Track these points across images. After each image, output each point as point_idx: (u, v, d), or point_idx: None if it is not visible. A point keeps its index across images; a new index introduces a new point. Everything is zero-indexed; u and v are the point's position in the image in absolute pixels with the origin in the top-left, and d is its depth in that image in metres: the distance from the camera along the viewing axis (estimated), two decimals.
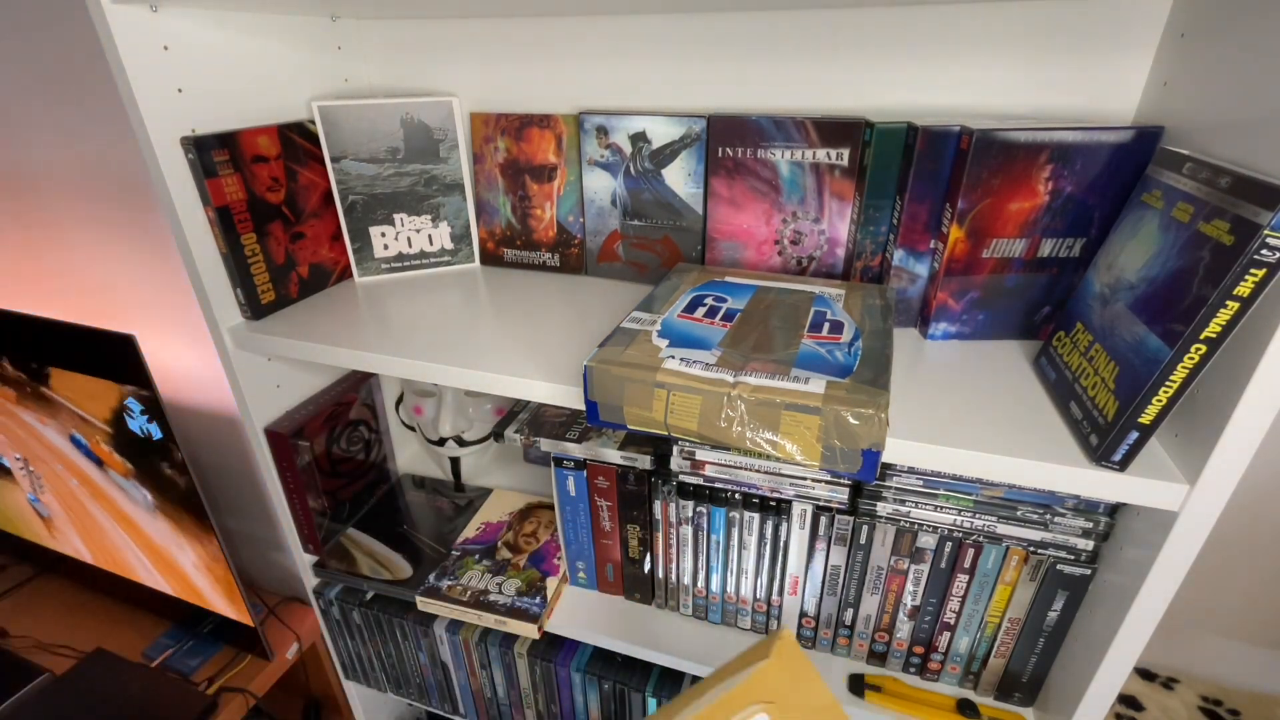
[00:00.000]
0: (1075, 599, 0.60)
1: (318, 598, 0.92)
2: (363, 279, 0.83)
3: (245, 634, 1.08)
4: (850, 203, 0.68)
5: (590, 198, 0.79)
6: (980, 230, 0.59)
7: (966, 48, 0.64)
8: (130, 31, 0.57)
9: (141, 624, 1.19)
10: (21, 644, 1.15)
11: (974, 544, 0.61)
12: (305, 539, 0.87)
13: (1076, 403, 0.50)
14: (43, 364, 0.92)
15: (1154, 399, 0.43)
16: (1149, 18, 0.58)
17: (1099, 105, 0.62)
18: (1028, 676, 0.65)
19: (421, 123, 0.79)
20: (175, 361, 1.17)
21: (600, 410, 0.54)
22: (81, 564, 1.19)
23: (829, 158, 0.67)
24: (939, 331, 0.64)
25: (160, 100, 0.61)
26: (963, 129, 0.57)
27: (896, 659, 0.71)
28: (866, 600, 0.68)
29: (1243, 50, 0.47)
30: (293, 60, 0.74)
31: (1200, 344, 0.41)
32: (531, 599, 0.80)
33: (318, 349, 0.67)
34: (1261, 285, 0.38)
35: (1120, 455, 0.45)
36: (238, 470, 1.25)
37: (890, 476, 0.61)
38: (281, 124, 0.71)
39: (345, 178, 0.77)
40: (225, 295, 0.70)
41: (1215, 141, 0.49)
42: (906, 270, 0.65)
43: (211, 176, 0.64)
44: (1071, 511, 0.57)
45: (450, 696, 0.96)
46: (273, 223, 0.72)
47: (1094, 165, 0.55)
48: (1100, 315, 0.51)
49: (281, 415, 0.80)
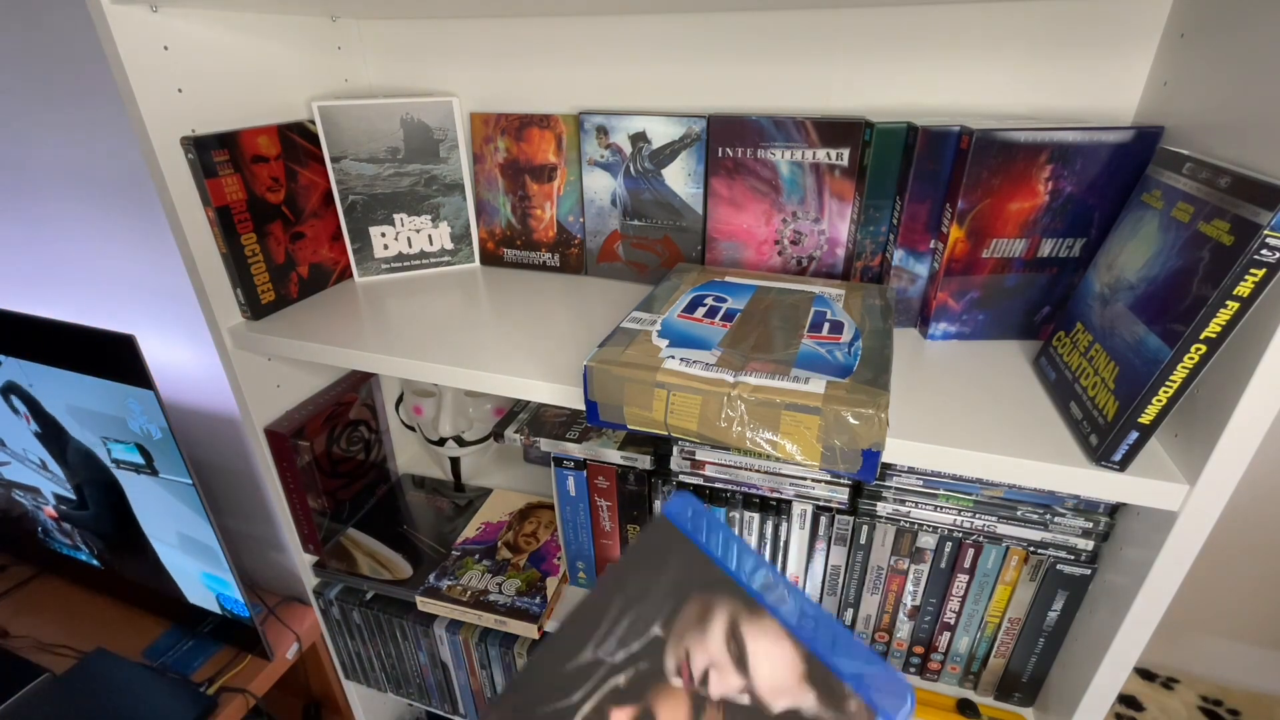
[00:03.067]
0: (1075, 599, 0.60)
1: (318, 598, 0.92)
2: (363, 279, 0.83)
3: (245, 634, 1.08)
4: (850, 203, 0.68)
5: (590, 198, 0.79)
6: (980, 230, 0.59)
7: (966, 48, 0.64)
8: (130, 31, 0.57)
9: (141, 624, 1.19)
10: (21, 644, 1.15)
11: (974, 544, 0.61)
12: (305, 539, 0.87)
13: (1076, 403, 0.50)
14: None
15: (1154, 399, 0.43)
16: (1149, 18, 0.58)
17: (1099, 105, 0.62)
18: (1028, 676, 0.65)
19: (421, 123, 0.79)
20: (175, 361, 1.17)
21: (600, 410, 0.54)
22: (81, 564, 1.19)
23: (829, 158, 0.67)
24: (939, 331, 0.64)
25: (160, 100, 0.61)
26: (963, 129, 0.57)
27: (896, 659, 0.71)
28: (866, 600, 0.68)
29: (1243, 50, 0.47)
30: (293, 60, 0.74)
31: (1200, 344, 0.41)
32: (531, 599, 0.80)
33: (318, 349, 0.67)
34: (1261, 285, 0.38)
35: (1120, 455, 0.45)
36: (238, 470, 1.25)
37: (890, 476, 0.61)
38: (281, 124, 0.71)
39: (345, 178, 0.77)
40: (225, 295, 0.70)
41: (1215, 141, 0.49)
42: (906, 270, 0.65)
43: (211, 176, 0.64)
44: (1071, 511, 0.57)
45: (450, 696, 0.96)
46: (273, 223, 0.72)
47: (1094, 165, 0.55)
48: (1100, 315, 0.51)
49: (281, 415, 0.80)
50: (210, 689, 1.06)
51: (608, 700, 0.28)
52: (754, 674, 0.27)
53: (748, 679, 0.27)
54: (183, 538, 0.99)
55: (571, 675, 0.28)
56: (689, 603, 0.29)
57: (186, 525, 0.96)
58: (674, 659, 0.28)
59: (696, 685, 0.28)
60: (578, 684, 0.28)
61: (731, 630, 0.28)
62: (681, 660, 0.28)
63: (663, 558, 0.30)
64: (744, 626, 0.28)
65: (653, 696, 0.28)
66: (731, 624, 0.28)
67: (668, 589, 0.30)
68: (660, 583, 0.30)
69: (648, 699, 0.28)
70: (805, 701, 0.26)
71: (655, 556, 0.30)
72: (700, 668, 0.28)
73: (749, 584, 0.29)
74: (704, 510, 0.31)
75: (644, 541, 0.31)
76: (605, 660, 0.29)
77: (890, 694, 0.25)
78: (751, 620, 0.28)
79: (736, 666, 0.27)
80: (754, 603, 0.28)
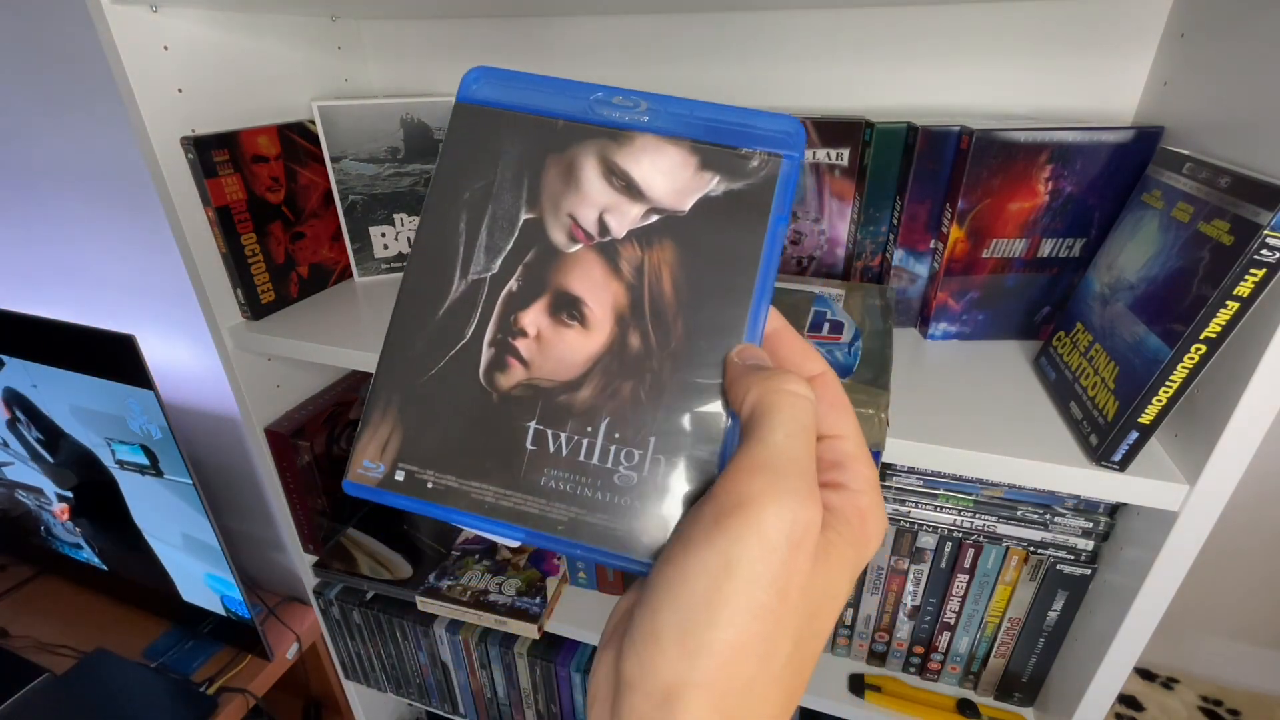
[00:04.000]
0: (1075, 599, 0.60)
1: (318, 598, 0.92)
2: (363, 279, 0.83)
3: (245, 634, 1.08)
4: (850, 203, 0.68)
5: None
6: (980, 230, 0.59)
7: (966, 48, 0.64)
8: (130, 31, 0.57)
9: (141, 624, 1.19)
10: (21, 644, 1.15)
11: (974, 544, 0.61)
12: (305, 539, 0.87)
13: (1076, 403, 0.50)
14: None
15: (1154, 399, 0.43)
16: (1149, 18, 0.58)
17: (1099, 105, 0.62)
18: (1028, 676, 0.65)
19: (421, 123, 0.79)
20: (175, 361, 1.17)
21: None
22: (82, 564, 1.19)
23: (829, 158, 0.67)
24: (939, 331, 0.64)
25: (160, 100, 0.61)
26: (963, 129, 0.57)
27: (896, 659, 0.71)
28: (866, 600, 0.68)
29: (1243, 50, 0.47)
30: (293, 60, 0.74)
31: (1200, 344, 0.41)
32: (531, 599, 0.80)
33: (318, 349, 0.67)
34: (1261, 285, 0.38)
35: (1120, 455, 0.45)
36: (238, 470, 1.25)
37: (890, 476, 0.61)
38: (281, 124, 0.71)
39: (345, 178, 0.77)
40: (225, 295, 0.70)
41: (1215, 141, 0.49)
42: (906, 270, 0.65)
43: (211, 176, 0.64)
44: (1071, 511, 0.57)
45: (450, 696, 0.96)
46: (273, 223, 0.72)
47: (1094, 165, 0.55)
48: (1100, 315, 0.51)
49: (281, 415, 0.80)
50: (210, 689, 1.06)
51: (508, 309, 0.25)
52: (650, 192, 0.25)
53: (646, 200, 0.25)
54: (186, 538, 0.99)
55: (454, 311, 0.25)
56: (545, 170, 0.25)
57: (189, 526, 0.96)
58: (560, 229, 0.25)
59: (598, 238, 0.25)
60: (466, 316, 0.25)
61: (607, 168, 0.25)
62: (570, 225, 0.25)
63: (487, 144, 0.26)
64: (617, 158, 0.25)
65: (556, 275, 0.25)
66: (603, 162, 0.25)
67: (513, 171, 0.25)
68: (501, 170, 0.26)
69: (552, 280, 0.25)
70: (711, 185, 0.24)
71: (477, 147, 0.26)
72: (592, 221, 0.25)
73: (599, 117, 0.25)
74: (502, 72, 0.26)
75: (456, 140, 0.26)
76: (483, 277, 0.25)
77: (784, 134, 0.24)
78: (621, 148, 0.25)
79: (629, 196, 0.25)
80: (615, 131, 0.25)
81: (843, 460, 0.22)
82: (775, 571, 0.19)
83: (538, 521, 0.23)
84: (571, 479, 0.24)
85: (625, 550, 0.23)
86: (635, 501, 0.23)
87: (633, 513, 0.23)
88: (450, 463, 0.24)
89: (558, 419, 0.24)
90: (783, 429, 0.20)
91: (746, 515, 0.19)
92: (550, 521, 0.23)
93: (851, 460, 0.22)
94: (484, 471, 0.24)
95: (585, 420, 0.24)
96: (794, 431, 0.20)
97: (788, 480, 0.19)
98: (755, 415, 0.21)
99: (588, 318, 0.25)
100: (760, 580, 0.18)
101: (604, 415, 0.24)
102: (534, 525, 0.23)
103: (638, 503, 0.23)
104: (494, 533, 0.24)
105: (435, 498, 0.24)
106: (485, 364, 0.25)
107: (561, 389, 0.24)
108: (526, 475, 0.24)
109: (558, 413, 0.24)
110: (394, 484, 0.24)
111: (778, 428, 0.20)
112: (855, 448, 0.22)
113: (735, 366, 0.23)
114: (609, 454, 0.24)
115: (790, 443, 0.20)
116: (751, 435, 0.21)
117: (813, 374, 0.24)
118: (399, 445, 0.25)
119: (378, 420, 0.25)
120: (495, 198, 0.26)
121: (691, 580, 0.19)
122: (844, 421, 0.23)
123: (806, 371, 0.24)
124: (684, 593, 0.19)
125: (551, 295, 0.25)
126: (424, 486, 0.24)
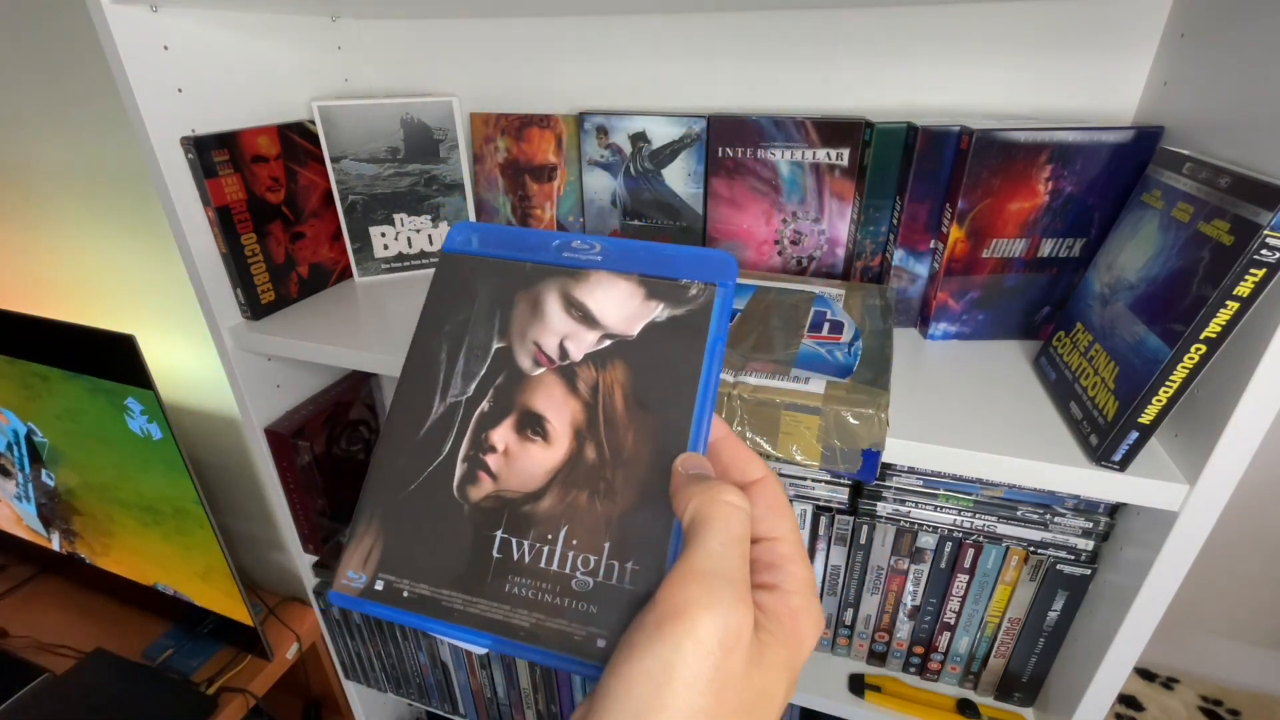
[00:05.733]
0: (1075, 599, 0.60)
1: (318, 598, 0.92)
2: (363, 279, 0.83)
3: (245, 634, 1.08)
4: (850, 203, 0.68)
5: (590, 198, 0.79)
6: (980, 230, 0.59)
7: (966, 48, 0.64)
8: (130, 31, 0.57)
9: (141, 624, 1.19)
10: (21, 644, 1.15)
11: (974, 544, 0.61)
12: (305, 539, 0.87)
13: (1076, 403, 0.50)
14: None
15: (1154, 399, 0.43)
16: (1149, 18, 0.58)
17: (1099, 105, 0.62)
18: (1028, 676, 0.65)
19: (421, 123, 0.79)
20: (175, 361, 1.17)
21: None
22: (82, 564, 1.19)
23: (829, 158, 0.67)
24: (939, 331, 0.64)
25: (160, 100, 0.61)
26: (963, 129, 0.57)
27: (896, 659, 0.71)
28: (866, 600, 0.68)
29: (1243, 50, 0.47)
30: (293, 60, 0.74)
31: (1200, 344, 0.41)
32: None
33: (318, 349, 0.67)
34: (1261, 285, 0.38)
35: (1120, 455, 0.45)
36: (238, 470, 1.25)
37: (890, 476, 0.61)
38: (281, 124, 0.71)
39: (345, 178, 0.77)
40: (225, 295, 0.70)
41: (1215, 141, 0.49)
42: (906, 270, 0.65)
43: (211, 176, 0.64)
44: (1071, 511, 0.58)
45: (450, 696, 0.96)
46: (273, 223, 0.72)
47: (1094, 165, 0.55)
48: (1100, 315, 0.51)
49: (281, 415, 0.80)
50: (210, 689, 1.06)
51: (480, 428, 0.28)
52: (603, 320, 0.28)
53: (600, 327, 0.28)
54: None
55: (433, 431, 0.28)
56: (515, 305, 0.29)
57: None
58: (527, 355, 0.28)
59: (559, 361, 0.28)
60: (443, 435, 0.28)
61: (567, 301, 0.29)
62: (535, 351, 0.28)
63: (466, 285, 0.30)
64: (575, 292, 0.29)
65: (522, 395, 0.28)
66: (564, 297, 0.29)
67: (487, 307, 0.29)
68: (477, 307, 0.29)
69: (519, 400, 0.28)
70: (656, 312, 0.28)
71: (458, 288, 0.30)
72: (554, 346, 0.28)
73: (561, 259, 0.29)
74: (482, 227, 0.31)
75: (440, 282, 0.30)
76: (460, 399, 0.28)
77: (717, 267, 0.28)
78: (579, 283, 0.29)
79: (586, 325, 0.28)
80: (575, 270, 0.29)
81: (777, 562, 0.23)
82: (710, 675, 0.20)
83: (502, 628, 0.25)
84: (533, 585, 0.25)
85: (581, 656, 0.24)
86: (590, 606, 0.25)
87: (588, 618, 0.24)
88: (424, 571, 0.26)
89: (521, 527, 0.26)
90: (717, 538, 0.22)
91: (682, 622, 0.20)
92: (513, 628, 0.25)
93: (786, 561, 0.23)
94: (454, 579, 0.26)
95: (546, 528, 0.26)
96: (727, 541, 0.22)
97: (721, 588, 0.21)
98: (694, 524, 0.23)
99: (549, 433, 0.27)
100: (697, 684, 0.19)
101: (563, 523, 0.26)
102: (499, 632, 0.25)
103: (593, 607, 0.25)
104: (464, 641, 0.25)
105: (410, 606, 0.26)
106: (459, 478, 0.27)
107: (525, 499, 0.27)
108: (493, 582, 0.26)
109: (521, 521, 0.26)
110: (374, 593, 0.26)
111: (712, 536, 0.22)
112: (791, 549, 0.24)
113: (679, 476, 0.25)
114: (567, 560, 0.25)
115: (724, 551, 0.22)
116: (691, 543, 0.22)
117: (754, 479, 0.25)
118: (379, 556, 0.27)
119: (362, 532, 0.27)
120: (471, 330, 0.29)
121: (636, 686, 0.20)
122: (782, 524, 0.24)
123: (749, 476, 0.26)
124: (629, 700, 0.20)
125: (518, 414, 0.28)
126: (400, 595, 0.26)
